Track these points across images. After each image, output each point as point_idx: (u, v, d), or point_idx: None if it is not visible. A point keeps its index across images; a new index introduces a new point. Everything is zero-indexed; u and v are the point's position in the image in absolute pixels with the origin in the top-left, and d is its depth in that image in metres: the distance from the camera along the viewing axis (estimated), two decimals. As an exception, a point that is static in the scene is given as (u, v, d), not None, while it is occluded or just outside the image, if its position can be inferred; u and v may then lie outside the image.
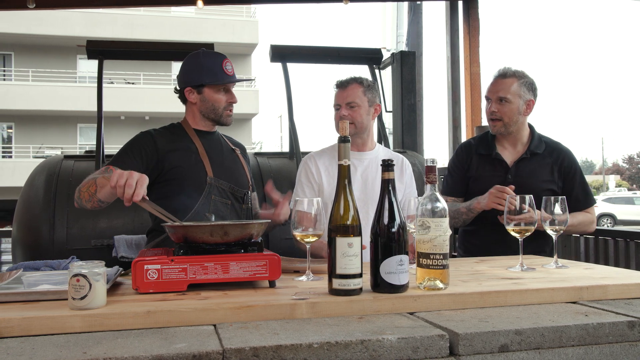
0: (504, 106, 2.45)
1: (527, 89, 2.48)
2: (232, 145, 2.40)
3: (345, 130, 1.48)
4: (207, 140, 2.26)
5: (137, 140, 2.16)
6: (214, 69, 2.18)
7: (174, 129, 2.27)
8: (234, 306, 1.30)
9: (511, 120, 2.47)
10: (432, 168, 1.52)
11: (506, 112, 2.46)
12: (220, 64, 2.18)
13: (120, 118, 20.20)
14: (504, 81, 2.47)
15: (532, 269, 1.81)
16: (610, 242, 3.78)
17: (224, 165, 2.25)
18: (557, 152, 2.54)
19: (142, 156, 2.10)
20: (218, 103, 2.22)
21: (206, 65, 2.20)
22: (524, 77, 2.48)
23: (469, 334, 1.18)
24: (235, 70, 2.26)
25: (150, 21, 19.84)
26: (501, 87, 2.47)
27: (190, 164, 2.15)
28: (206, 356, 1.05)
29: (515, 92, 2.45)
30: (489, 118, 2.51)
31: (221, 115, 2.24)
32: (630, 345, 1.27)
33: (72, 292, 1.26)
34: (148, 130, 2.22)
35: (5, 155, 20.78)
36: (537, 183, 2.46)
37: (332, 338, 1.13)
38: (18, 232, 3.04)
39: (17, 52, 20.20)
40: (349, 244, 1.40)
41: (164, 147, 2.14)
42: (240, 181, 2.28)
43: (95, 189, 1.91)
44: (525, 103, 2.48)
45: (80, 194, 1.98)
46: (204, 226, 1.53)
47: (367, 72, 4.01)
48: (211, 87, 2.20)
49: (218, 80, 2.18)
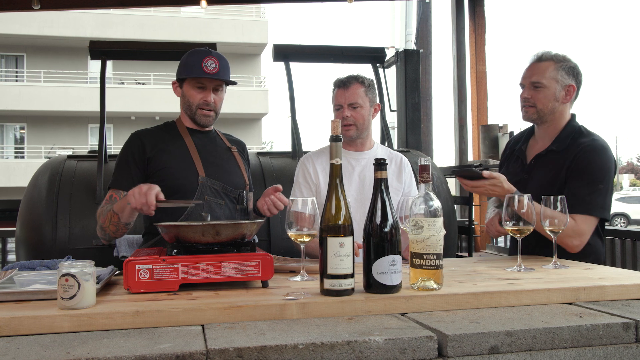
0: (539, 92, 2.18)
1: (567, 73, 2.18)
2: (229, 143, 2.36)
3: (337, 129, 1.47)
4: (199, 139, 2.24)
5: (126, 149, 2.20)
6: (193, 64, 2.16)
7: (167, 127, 2.27)
8: (223, 306, 1.29)
9: (545, 107, 2.18)
10: (426, 167, 1.51)
11: (540, 99, 2.18)
12: (201, 60, 2.14)
13: (131, 118, 20.34)
14: (539, 65, 2.20)
15: (530, 270, 1.78)
16: (617, 242, 3.73)
17: (217, 165, 2.22)
18: (578, 151, 2.13)
19: (133, 164, 2.15)
20: (192, 99, 2.20)
21: (188, 61, 2.19)
22: (564, 60, 2.19)
23: (458, 336, 1.16)
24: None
25: (160, 22, 19.96)
26: (535, 71, 2.20)
27: (180, 164, 2.15)
28: (189, 357, 1.04)
29: (551, 76, 2.17)
30: (522, 105, 2.24)
31: (195, 113, 2.21)
32: (625, 347, 1.24)
33: (61, 292, 1.26)
34: (136, 132, 2.24)
35: (18, 155, 21.00)
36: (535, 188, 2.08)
37: (318, 339, 1.12)
38: (21, 232, 3.06)
39: (29, 53, 20.43)
40: (340, 244, 1.39)
41: (154, 148, 2.16)
42: (235, 181, 2.24)
43: (117, 218, 2.00)
44: (564, 89, 2.18)
45: (105, 230, 2.06)
46: (196, 226, 1.53)
47: (371, 71, 3.99)
48: (189, 83, 2.20)
49: (191, 74, 2.16)
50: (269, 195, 2.08)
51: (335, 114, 2.45)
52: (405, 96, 4.40)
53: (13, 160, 20.61)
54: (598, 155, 2.12)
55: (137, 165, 2.14)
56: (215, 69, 2.16)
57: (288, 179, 3.31)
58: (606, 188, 2.08)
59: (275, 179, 3.39)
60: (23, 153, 20.86)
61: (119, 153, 2.23)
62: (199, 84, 2.18)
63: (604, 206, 2.08)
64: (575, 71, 2.20)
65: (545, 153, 2.22)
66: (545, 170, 2.20)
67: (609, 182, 2.09)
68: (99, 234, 2.13)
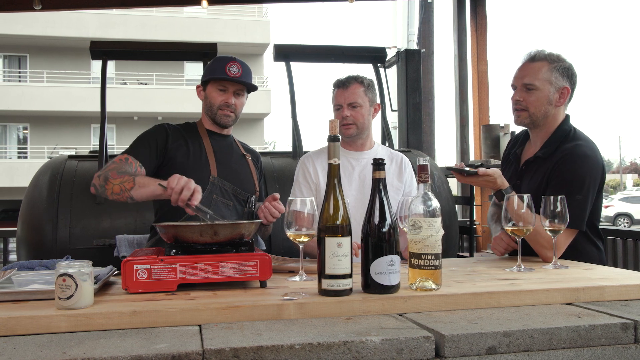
0: (531, 94, 2.09)
1: (561, 74, 2.08)
2: (244, 150, 2.43)
3: (335, 129, 1.47)
4: (217, 142, 2.30)
5: (152, 132, 2.25)
6: (217, 68, 2.24)
7: (188, 127, 2.34)
8: (221, 306, 1.29)
9: (538, 111, 2.09)
10: (424, 167, 1.50)
11: (532, 102, 2.09)
12: (225, 65, 2.22)
13: (134, 119, 20.37)
14: (532, 65, 2.10)
15: (530, 270, 1.78)
16: (619, 242, 3.72)
17: (230, 167, 2.28)
18: (559, 158, 2.05)
19: (154, 147, 2.17)
20: (213, 100, 2.27)
21: (213, 65, 2.27)
22: (558, 60, 2.09)
23: (456, 336, 1.16)
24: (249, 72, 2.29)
25: (162, 22, 19.98)
26: (528, 72, 2.09)
27: (195, 160, 2.20)
28: (185, 357, 1.04)
29: (545, 77, 2.07)
30: (513, 108, 2.15)
31: (216, 114, 2.28)
32: (624, 347, 1.24)
33: (59, 292, 1.26)
34: (163, 124, 2.29)
35: (21, 155, 21.06)
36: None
37: (314, 339, 1.11)
38: (22, 232, 3.07)
39: (32, 53, 20.47)
40: (338, 244, 1.39)
41: (174, 142, 2.21)
42: (246, 185, 2.30)
43: (131, 186, 1.95)
44: (558, 91, 2.09)
45: (108, 184, 1.98)
46: (194, 226, 1.53)
47: (372, 71, 3.98)
48: (212, 85, 2.28)
49: (214, 76, 2.24)
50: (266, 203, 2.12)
51: (335, 114, 2.45)
52: (406, 96, 4.39)
53: (16, 160, 20.67)
54: (577, 163, 2.02)
55: (157, 150, 2.18)
56: (238, 73, 2.23)
57: (289, 179, 3.31)
58: (584, 199, 1.99)
59: (276, 179, 3.39)
60: (26, 153, 20.91)
61: (143, 133, 2.25)
62: (221, 87, 2.26)
63: (580, 218, 1.98)
64: (570, 72, 2.11)
65: (533, 159, 2.16)
66: (533, 177, 2.14)
67: (587, 191, 2.00)
68: (95, 182, 2.03)
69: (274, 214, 2.10)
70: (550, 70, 2.08)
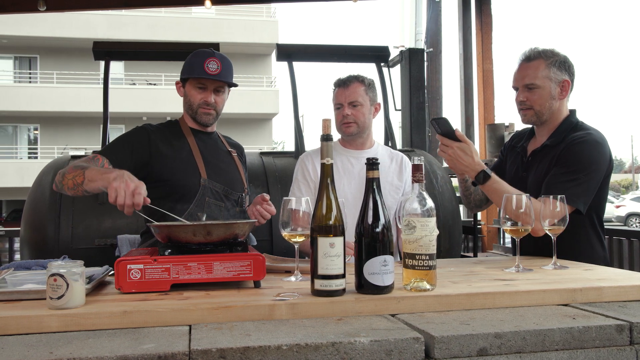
0: (534, 93, 2.13)
1: (559, 68, 2.12)
2: (229, 146, 2.37)
3: (327, 128, 1.46)
4: (202, 141, 2.24)
5: (131, 134, 2.17)
6: (195, 65, 2.17)
7: (171, 126, 2.27)
8: (212, 306, 1.28)
9: (543, 108, 2.14)
10: (419, 166, 1.49)
11: (536, 100, 2.13)
12: (203, 61, 2.15)
13: (143, 119, 20.47)
14: (529, 65, 2.15)
15: (528, 270, 1.76)
16: (624, 242, 3.67)
17: (219, 167, 2.22)
18: (568, 142, 2.08)
19: (132, 151, 2.09)
20: (193, 98, 2.21)
21: (191, 61, 2.20)
22: (553, 55, 2.13)
23: (446, 337, 1.14)
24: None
25: (171, 22, 20.07)
26: (527, 72, 2.14)
27: (183, 164, 2.14)
28: (172, 357, 1.04)
29: (544, 75, 2.11)
30: (519, 108, 2.19)
31: (196, 112, 2.21)
32: (618, 349, 1.22)
33: (50, 292, 1.26)
34: (144, 126, 2.21)
35: (31, 156, 21.24)
36: (531, 184, 2.12)
37: (302, 340, 1.11)
38: (25, 232, 3.08)
39: (42, 55, 20.65)
40: (330, 244, 1.38)
41: (158, 146, 2.14)
42: (235, 184, 2.25)
43: (82, 180, 1.88)
44: (559, 85, 2.13)
45: (64, 180, 1.94)
46: (187, 226, 1.53)
47: (375, 70, 3.97)
48: (191, 83, 2.21)
49: (193, 74, 2.18)
50: (257, 205, 2.09)
51: (335, 113, 2.45)
52: (409, 95, 4.37)
53: (27, 160, 20.86)
54: (587, 146, 2.03)
55: (133, 155, 2.09)
56: (217, 70, 2.16)
57: (290, 178, 3.31)
58: (587, 180, 1.98)
59: (278, 178, 3.38)
60: (36, 153, 21.09)
61: (121, 135, 2.19)
62: (200, 85, 2.19)
63: (578, 196, 1.95)
64: (567, 64, 2.14)
65: (540, 148, 2.18)
66: (540, 166, 2.15)
67: (592, 174, 2.00)
68: (56, 179, 2.00)
69: (265, 216, 2.08)
70: (548, 66, 2.12)
